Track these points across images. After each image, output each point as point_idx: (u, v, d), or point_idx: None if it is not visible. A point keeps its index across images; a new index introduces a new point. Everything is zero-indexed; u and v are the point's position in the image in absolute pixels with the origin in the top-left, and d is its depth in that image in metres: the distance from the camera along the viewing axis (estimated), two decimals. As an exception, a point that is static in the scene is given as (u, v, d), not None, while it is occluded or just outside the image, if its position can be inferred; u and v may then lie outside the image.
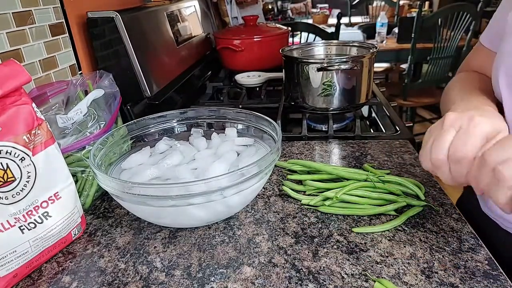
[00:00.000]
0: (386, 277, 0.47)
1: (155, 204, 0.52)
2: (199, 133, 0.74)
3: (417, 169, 0.71)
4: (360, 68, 0.88)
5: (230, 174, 0.51)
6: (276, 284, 0.47)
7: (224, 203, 0.54)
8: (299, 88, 0.93)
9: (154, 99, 0.95)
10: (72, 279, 0.50)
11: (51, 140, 0.53)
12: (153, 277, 0.50)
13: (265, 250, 0.53)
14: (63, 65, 0.83)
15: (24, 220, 0.49)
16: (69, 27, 0.84)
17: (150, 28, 1.02)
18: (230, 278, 0.49)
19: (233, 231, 0.58)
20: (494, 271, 0.47)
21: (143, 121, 0.71)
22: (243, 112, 0.71)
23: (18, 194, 0.48)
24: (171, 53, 1.12)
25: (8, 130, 0.47)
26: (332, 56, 1.05)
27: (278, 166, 0.74)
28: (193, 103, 1.13)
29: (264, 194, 0.67)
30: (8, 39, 0.68)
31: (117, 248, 0.56)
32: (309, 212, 0.61)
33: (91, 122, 0.66)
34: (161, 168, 0.63)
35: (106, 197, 0.69)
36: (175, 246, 0.55)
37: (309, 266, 0.50)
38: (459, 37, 2.62)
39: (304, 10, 5.26)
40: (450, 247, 0.51)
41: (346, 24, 4.05)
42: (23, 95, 0.50)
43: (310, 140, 0.86)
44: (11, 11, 0.69)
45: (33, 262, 0.51)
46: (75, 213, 0.56)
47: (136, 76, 0.92)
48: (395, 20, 3.62)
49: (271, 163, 0.55)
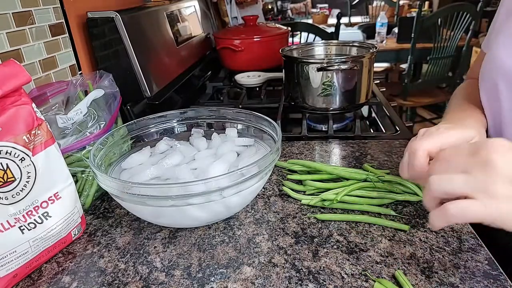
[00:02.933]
0: (386, 277, 0.47)
1: (154, 204, 0.52)
2: (200, 133, 0.74)
3: (417, 169, 0.71)
4: (360, 68, 0.88)
5: (230, 174, 0.51)
6: (276, 284, 0.47)
7: (223, 203, 0.54)
8: (299, 88, 0.93)
9: (154, 99, 0.95)
10: (72, 279, 0.50)
11: (51, 140, 0.53)
12: (153, 277, 0.50)
13: (265, 250, 0.53)
14: (63, 65, 0.83)
15: (24, 220, 0.49)
16: (69, 27, 0.84)
17: (150, 28, 1.02)
18: (230, 278, 0.49)
19: (233, 231, 0.58)
20: (494, 271, 0.47)
21: (143, 121, 0.71)
22: (243, 112, 0.71)
23: (18, 194, 0.48)
24: (171, 53, 1.12)
25: (8, 130, 0.47)
26: (332, 56, 1.05)
27: (278, 166, 0.74)
28: (193, 103, 1.13)
29: (264, 194, 0.67)
30: (8, 39, 0.68)
31: (117, 248, 0.56)
32: (309, 212, 0.61)
33: (91, 122, 0.66)
34: (161, 168, 0.63)
35: (106, 197, 0.69)
36: (175, 246, 0.55)
37: (309, 266, 0.50)
38: (459, 37, 2.63)
39: (304, 10, 5.26)
40: (450, 247, 0.51)
41: (346, 24, 4.05)
42: (23, 95, 0.50)
43: (310, 140, 0.86)
44: (11, 11, 0.69)
45: (33, 262, 0.51)
46: (75, 213, 0.56)
47: (136, 76, 0.92)
48: (395, 20, 3.62)
49: (271, 163, 0.55)
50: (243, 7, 2.27)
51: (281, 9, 4.55)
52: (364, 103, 0.95)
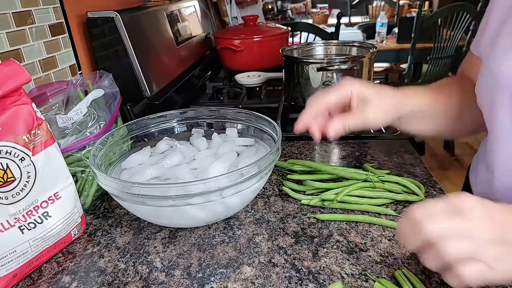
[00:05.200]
0: (386, 277, 0.47)
1: (154, 204, 0.52)
2: (200, 133, 0.74)
3: (417, 169, 0.71)
4: (360, 68, 0.88)
5: (229, 174, 0.51)
6: (276, 284, 0.47)
7: (223, 203, 0.54)
8: (299, 88, 0.93)
9: (154, 99, 0.95)
10: (72, 279, 0.50)
11: (51, 140, 0.53)
12: (153, 277, 0.50)
13: (265, 250, 0.53)
14: (63, 65, 0.83)
15: (24, 220, 0.49)
16: (69, 27, 0.84)
17: (150, 28, 1.02)
18: (230, 278, 0.49)
19: (233, 231, 0.58)
20: (494, 271, 0.47)
21: (143, 121, 0.71)
22: (243, 112, 0.71)
23: (18, 194, 0.48)
24: (171, 53, 1.12)
25: (8, 130, 0.47)
26: (332, 56, 1.05)
27: (278, 166, 0.74)
28: (193, 103, 1.13)
29: (264, 194, 0.67)
30: (8, 39, 0.68)
31: (117, 248, 0.56)
32: (309, 212, 0.61)
33: (91, 122, 0.66)
34: (161, 168, 0.63)
35: (106, 197, 0.69)
36: (175, 246, 0.55)
37: (309, 266, 0.50)
38: (459, 37, 2.62)
39: (304, 10, 5.26)
40: (450, 247, 0.51)
41: (346, 24, 4.05)
42: (23, 95, 0.50)
43: (310, 140, 0.86)
44: (11, 11, 0.69)
45: (33, 262, 0.51)
46: (75, 213, 0.56)
47: (136, 76, 0.92)
48: (395, 20, 3.62)
49: (271, 163, 0.55)
50: (243, 7, 2.27)
51: (281, 9, 4.55)
52: (364, 103, 0.95)
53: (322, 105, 0.56)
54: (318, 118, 0.56)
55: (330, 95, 0.56)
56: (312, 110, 0.56)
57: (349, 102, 0.56)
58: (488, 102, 0.54)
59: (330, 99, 0.56)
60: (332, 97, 0.56)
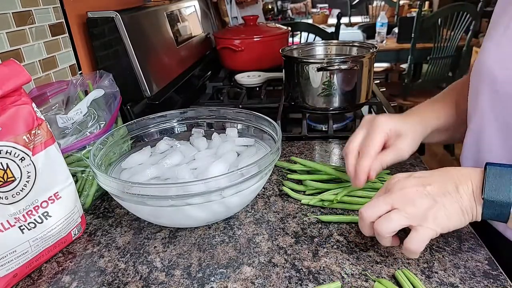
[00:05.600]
0: (386, 277, 0.47)
1: (154, 204, 0.52)
2: (200, 133, 0.74)
3: (417, 169, 0.71)
4: (360, 68, 0.88)
5: (229, 174, 0.51)
6: (276, 284, 0.47)
7: (223, 203, 0.54)
8: (299, 88, 0.92)
9: (154, 99, 0.95)
10: (72, 279, 0.50)
11: (51, 140, 0.53)
12: (153, 277, 0.50)
13: (265, 250, 0.53)
14: (63, 65, 0.83)
15: (24, 220, 0.49)
16: (69, 27, 0.84)
17: (150, 28, 1.02)
18: (230, 278, 0.49)
19: (233, 231, 0.58)
20: (494, 271, 0.47)
21: (143, 121, 0.71)
22: (243, 112, 0.71)
23: (18, 194, 0.48)
24: (171, 53, 1.12)
25: (8, 130, 0.47)
26: (332, 56, 1.05)
27: (278, 166, 0.74)
28: (193, 103, 1.13)
29: (264, 194, 0.67)
30: (8, 39, 0.68)
31: (117, 248, 0.56)
32: (309, 212, 0.61)
33: (91, 122, 0.66)
34: (161, 168, 0.63)
35: (106, 197, 0.69)
36: (175, 246, 0.55)
37: (309, 266, 0.50)
38: (459, 37, 2.63)
39: (304, 10, 5.26)
40: (450, 247, 0.51)
41: (346, 24, 4.05)
42: (23, 95, 0.50)
43: (310, 140, 0.86)
44: (11, 11, 0.69)
45: (33, 262, 0.51)
46: (75, 213, 0.56)
47: (136, 76, 0.92)
48: (395, 20, 3.63)
49: (271, 163, 0.55)
50: (243, 7, 2.27)
51: (281, 9, 4.54)
52: (364, 103, 0.95)
53: (372, 151, 0.57)
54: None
55: (374, 141, 0.57)
56: (355, 156, 0.59)
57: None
58: (474, 92, 0.57)
59: (376, 144, 0.57)
60: (377, 142, 0.57)
